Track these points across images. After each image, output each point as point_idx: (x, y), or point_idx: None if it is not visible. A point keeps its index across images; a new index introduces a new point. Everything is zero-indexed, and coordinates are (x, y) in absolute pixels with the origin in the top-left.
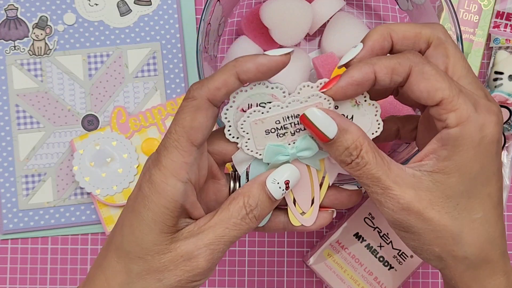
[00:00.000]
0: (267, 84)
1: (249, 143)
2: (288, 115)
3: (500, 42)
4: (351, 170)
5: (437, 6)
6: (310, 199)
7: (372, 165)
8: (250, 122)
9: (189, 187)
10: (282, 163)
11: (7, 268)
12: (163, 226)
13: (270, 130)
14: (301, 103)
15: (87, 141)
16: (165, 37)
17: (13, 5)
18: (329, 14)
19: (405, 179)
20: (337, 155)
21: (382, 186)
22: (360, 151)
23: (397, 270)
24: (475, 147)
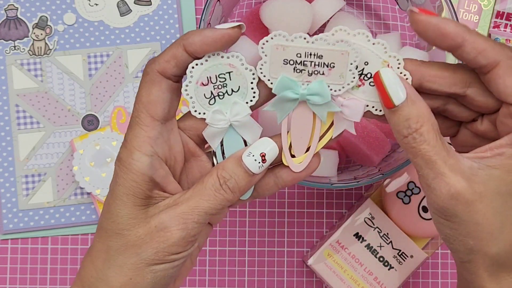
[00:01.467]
0: (222, 54)
1: (264, 67)
2: (311, 52)
3: (500, 42)
4: (406, 145)
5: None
6: (305, 147)
7: (430, 145)
8: (272, 45)
9: (156, 161)
10: (289, 100)
11: (7, 268)
12: (135, 199)
13: (288, 61)
14: (328, 44)
15: (87, 141)
16: (165, 37)
17: (13, 5)
18: (329, 14)
19: (461, 169)
20: (395, 124)
21: (436, 171)
22: (420, 126)
23: (397, 270)
24: None
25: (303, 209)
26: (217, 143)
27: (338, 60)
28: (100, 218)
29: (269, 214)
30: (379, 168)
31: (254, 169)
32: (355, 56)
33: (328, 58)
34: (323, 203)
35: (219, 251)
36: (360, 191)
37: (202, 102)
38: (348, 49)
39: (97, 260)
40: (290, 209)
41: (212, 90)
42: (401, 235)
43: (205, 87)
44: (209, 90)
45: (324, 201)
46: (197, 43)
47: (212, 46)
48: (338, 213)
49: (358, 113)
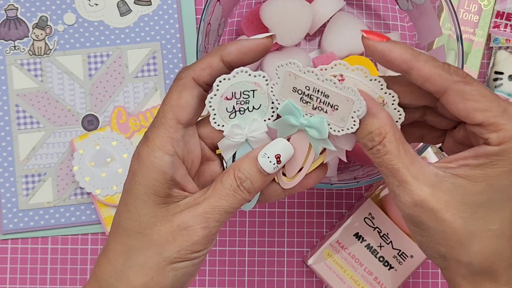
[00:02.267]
0: (250, 72)
1: (276, 88)
2: (319, 89)
3: (500, 42)
4: (371, 155)
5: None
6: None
7: (393, 155)
8: (285, 70)
9: (176, 160)
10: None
11: (7, 268)
12: (156, 198)
13: (297, 90)
14: (336, 88)
15: (87, 141)
16: (165, 37)
17: (13, 5)
18: (329, 14)
19: (426, 176)
20: (360, 138)
21: (399, 179)
22: (383, 138)
23: (397, 270)
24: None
25: (303, 209)
26: (230, 155)
27: (342, 104)
28: (116, 217)
29: (269, 214)
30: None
31: (269, 169)
32: (359, 106)
33: (333, 100)
34: (323, 203)
35: (219, 251)
36: (360, 191)
37: (223, 115)
38: (354, 98)
39: (116, 260)
40: (290, 209)
41: (234, 105)
42: (401, 235)
43: (228, 101)
44: (231, 104)
45: (324, 201)
46: (234, 52)
47: (248, 55)
48: (338, 213)
49: (351, 143)
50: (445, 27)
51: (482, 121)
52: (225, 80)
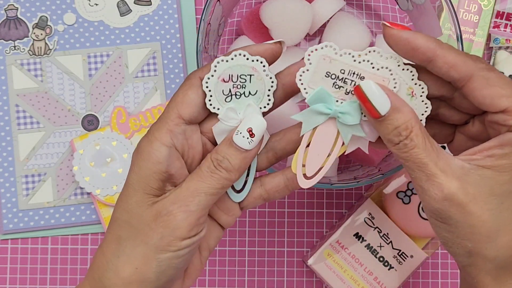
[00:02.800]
0: (248, 56)
1: (305, 75)
2: (355, 71)
3: (500, 42)
4: (398, 151)
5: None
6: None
7: (421, 149)
8: (320, 55)
9: (174, 153)
10: (320, 113)
11: (7, 268)
12: (146, 187)
13: (331, 75)
14: (373, 68)
15: (87, 141)
16: (165, 37)
17: (13, 5)
18: (329, 14)
19: (453, 169)
20: (385, 133)
21: (428, 173)
22: (410, 132)
23: (397, 270)
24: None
25: (303, 209)
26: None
27: None
28: (113, 210)
29: (269, 214)
30: (379, 168)
31: (244, 145)
32: (394, 85)
33: None
34: (323, 203)
35: (219, 251)
36: (360, 191)
37: (219, 97)
38: (390, 77)
39: (108, 250)
40: (290, 209)
41: (231, 88)
42: (401, 235)
43: (225, 83)
44: (228, 87)
45: (324, 201)
46: None
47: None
48: (338, 213)
49: (375, 134)
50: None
51: (507, 106)
52: (222, 62)
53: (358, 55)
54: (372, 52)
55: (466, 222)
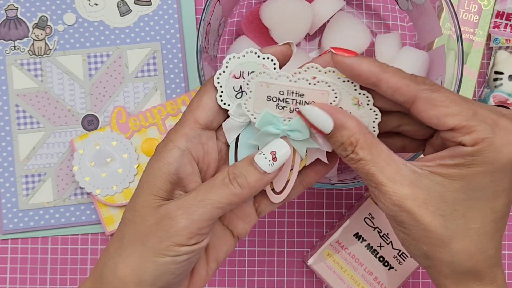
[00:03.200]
0: (259, 53)
1: (249, 102)
2: (294, 90)
3: (500, 42)
4: (348, 163)
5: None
6: (285, 180)
7: (366, 161)
8: (257, 82)
9: (187, 156)
10: (270, 134)
11: (7, 268)
12: (154, 188)
13: (272, 98)
14: (309, 84)
15: (87, 141)
16: (165, 37)
17: (13, 5)
18: (329, 14)
19: (403, 175)
20: (334, 148)
21: (375, 181)
22: (354, 147)
23: (397, 270)
24: (489, 165)
25: (303, 209)
26: (234, 137)
27: (318, 99)
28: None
29: (269, 214)
30: None
31: (264, 166)
32: (334, 96)
33: (309, 97)
34: (323, 203)
35: None
36: (360, 191)
37: (230, 93)
38: (328, 90)
39: (111, 248)
40: (290, 209)
41: (242, 84)
42: None
43: (236, 80)
44: (239, 83)
45: (324, 201)
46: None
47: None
48: (338, 213)
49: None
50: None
51: (454, 125)
52: (234, 58)
53: (293, 74)
54: (311, 68)
55: (419, 226)
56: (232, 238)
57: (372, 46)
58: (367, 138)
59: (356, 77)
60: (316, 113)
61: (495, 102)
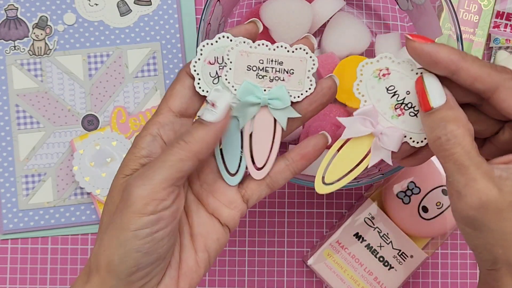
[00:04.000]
0: (231, 38)
1: (229, 73)
2: (273, 58)
3: (500, 42)
4: (439, 147)
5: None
6: (267, 153)
7: (465, 150)
8: (237, 51)
9: (157, 141)
10: (251, 105)
11: (7, 268)
12: (125, 169)
13: (252, 67)
14: (287, 52)
15: (87, 141)
16: (165, 37)
17: (13, 5)
18: (329, 14)
19: (492, 177)
20: (430, 126)
21: (468, 177)
22: (457, 128)
23: (397, 270)
24: None
25: (303, 209)
26: None
27: (297, 67)
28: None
29: (269, 214)
30: (379, 168)
31: (207, 117)
32: (312, 63)
33: (287, 65)
34: (323, 203)
35: None
36: (360, 191)
37: (207, 80)
38: (306, 57)
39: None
40: (290, 209)
41: (217, 70)
42: (401, 235)
43: (211, 65)
44: (214, 69)
45: (324, 201)
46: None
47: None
48: (338, 213)
49: (397, 143)
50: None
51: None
52: (208, 45)
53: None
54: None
55: (500, 228)
56: (221, 226)
57: (372, 46)
58: (471, 129)
59: (434, 65)
60: (438, 85)
61: None
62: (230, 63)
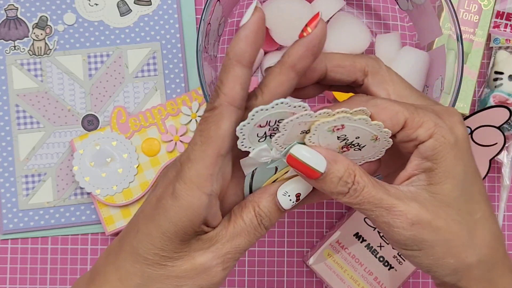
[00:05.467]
0: (290, 103)
1: (280, 139)
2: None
3: (500, 42)
4: (349, 199)
5: (437, 6)
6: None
7: (370, 187)
8: (296, 123)
9: (213, 199)
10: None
11: (7, 268)
12: (184, 237)
13: (306, 131)
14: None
15: (87, 141)
16: (165, 37)
17: (13, 5)
18: (329, 14)
19: (405, 195)
20: (332, 188)
21: (387, 206)
22: (354, 177)
23: (397, 270)
24: (453, 149)
25: (303, 209)
26: (251, 171)
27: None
28: (132, 239)
29: None
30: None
31: (287, 207)
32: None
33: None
34: (323, 203)
35: None
36: None
37: (253, 139)
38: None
39: (128, 282)
40: None
41: (266, 131)
42: None
43: (261, 128)
44: (263, 131)
45: (324, 201)
46: (245, 49)
47: (256, 39)
48: (338, 213)
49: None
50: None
51: (405, 118)
52: (262, 111)
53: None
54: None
55: (440, 239)
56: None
57: (372, 46)
58: (360, 167)
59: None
60: (309, 152)
61: (495, 102)
62: (285, 131)
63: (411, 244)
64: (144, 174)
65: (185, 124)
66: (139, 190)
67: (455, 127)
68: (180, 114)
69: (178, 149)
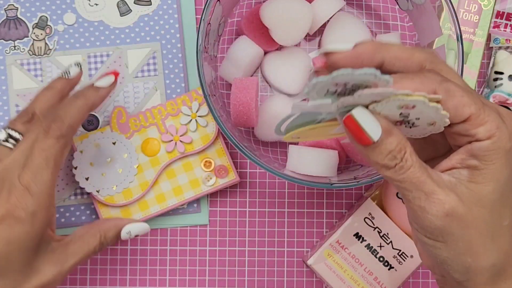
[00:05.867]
0: (378, 76)
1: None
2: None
3: (500, 42)
4: (393, 174)
5: (437, 6)
6: None
7: (417, 167)
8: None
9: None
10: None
11: None
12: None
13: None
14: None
15: (87, 141)
16: (165, 37)
17: (13, 5)
18: (329, 14)
19: (446, 184)
20: (379, 159)
21: (427, 191)
22: (404, 153)
23: (397, 270)
24: (506, 155)
25: (303, 209)
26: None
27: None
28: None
29: (269, 214)
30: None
31: (124, 239)
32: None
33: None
34: (323, 203)
35: (219, 251)
36: (360, 191)
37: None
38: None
39: None
40: (290, 209)
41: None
42: (401, 235)
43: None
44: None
45: (324, 201)
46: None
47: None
48: (338, 213)
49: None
50: (445, 27)
51: (470, 113)
52: (348, 74)
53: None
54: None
55: (466, 235)
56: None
57: None
58: (409, 144)
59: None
60: (369, 116)
61: (495, 102)
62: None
63: (438, 234)
64: (144, 174)
65: (185, 124)
66: (139, 190)
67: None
68: (180, 114)
69: (178, 149)
